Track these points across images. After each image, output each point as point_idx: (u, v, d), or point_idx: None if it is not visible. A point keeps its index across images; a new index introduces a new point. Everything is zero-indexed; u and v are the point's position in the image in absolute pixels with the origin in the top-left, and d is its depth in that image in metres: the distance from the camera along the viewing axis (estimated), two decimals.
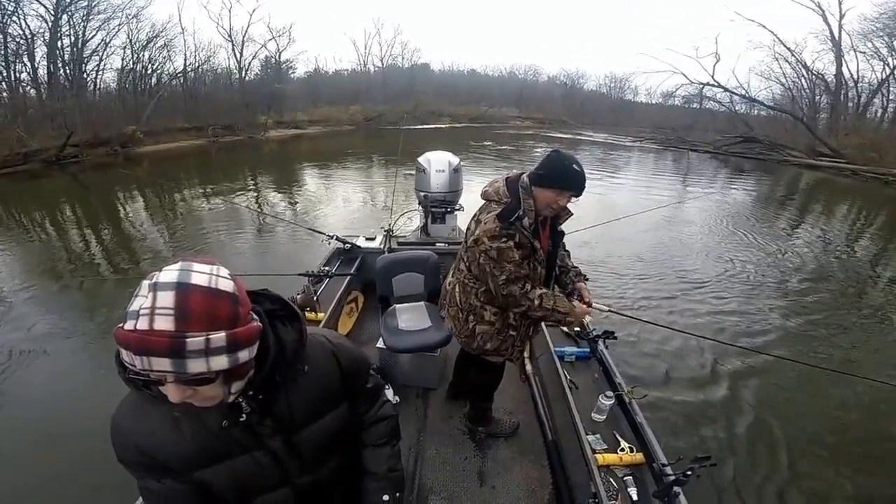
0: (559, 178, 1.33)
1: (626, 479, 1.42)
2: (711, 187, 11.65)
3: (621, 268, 5.12)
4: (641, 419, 1.60)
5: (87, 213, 7.83)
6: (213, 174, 12.22)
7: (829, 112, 20.22)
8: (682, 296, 4.49)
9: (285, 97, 25.60)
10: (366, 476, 0.90)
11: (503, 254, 1.33)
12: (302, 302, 2.28)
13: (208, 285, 0.55)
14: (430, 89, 35.67)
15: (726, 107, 22.91)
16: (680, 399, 2.89)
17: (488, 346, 1.56)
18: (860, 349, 3.69)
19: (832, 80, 19.66)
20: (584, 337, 2.13)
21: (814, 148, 16.61)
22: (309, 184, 10.90)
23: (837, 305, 4.53)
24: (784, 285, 4.97)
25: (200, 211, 7.93)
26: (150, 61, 19.22)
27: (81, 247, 5.92)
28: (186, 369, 0.53)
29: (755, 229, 7.20)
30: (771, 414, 2.79)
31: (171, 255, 5.51)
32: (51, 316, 3.89)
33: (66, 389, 2.90)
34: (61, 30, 15.53)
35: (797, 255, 6.04)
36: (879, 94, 18.96)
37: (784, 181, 13.48)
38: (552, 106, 37.79)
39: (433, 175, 3.10)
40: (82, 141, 13.35)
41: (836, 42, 18.75)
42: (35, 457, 2.31)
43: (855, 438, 2.62)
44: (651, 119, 28.94)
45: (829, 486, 2.30)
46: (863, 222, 8.62)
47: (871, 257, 6.25)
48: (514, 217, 1.33)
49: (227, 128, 19.21)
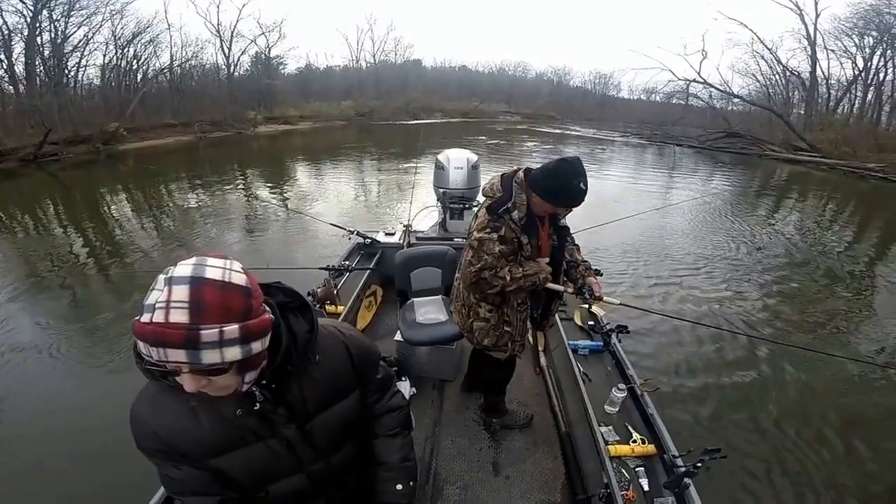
0: (556, 194, 1.31)
1: (638, 470, 1.44)
2: (710, 182, 11.87)
3: (628, 263, 5.18)
4: (653, 411, 1.63)
5: (68, 212, 7.62)
6: (200, 169, 11.94)
7: (804, 108, 20.88)
8: (691, 288, 4.60)
9: (276, 93, 25.17)
10: (379, 466, 0.91)
11: (483, 244, 1.34)
12: (322, 295, 2.31)
13: (222, 279, 0.56)
14: (422, 85, 35.51)
15: (706, 102, 23.44)
16: (690, 390, 2.92)
17: (486, 342, 1.59)
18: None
19: (807, 77, 20.30)
20: (597, 331, 2.18)
21: (790, 143, 17.16)
22: (301, 179, 10.78)
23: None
24: (786, 273, 5.14)
25: (206, 207, 7.84)
26: (136, 57, 18.69)
27: (72, 245, 5.73)
28: (201, 360, 0.55)
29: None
30: (778, 404, 2.82)
31: (159, 252, 5.42)
32: (32, 316, 3.80)
33: (47, 389, 2.86)
34: (41, 25, 14.94)
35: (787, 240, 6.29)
36: (850, 91, 19.65)
37: (769, 175, 13.81)
38: (540, 101, 37.99)
39: (452, 172, 3.14)
40: (62, 138, 12.89)
41: (811, 41, 19.37)
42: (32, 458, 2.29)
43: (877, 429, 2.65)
44: (633, 115, 29.31)
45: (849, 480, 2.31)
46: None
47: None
48: (503, 209, 1.33)
49: (215, 124, 18.76)
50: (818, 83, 20.17)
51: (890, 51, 17.49)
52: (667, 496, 1.34)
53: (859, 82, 19.07)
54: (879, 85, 18.42)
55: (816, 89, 20.26)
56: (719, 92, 22.28)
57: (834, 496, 2.22)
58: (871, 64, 18.47)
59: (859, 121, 18.61)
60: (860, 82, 19.06)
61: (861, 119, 18.80)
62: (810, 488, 2.26)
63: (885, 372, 3.19)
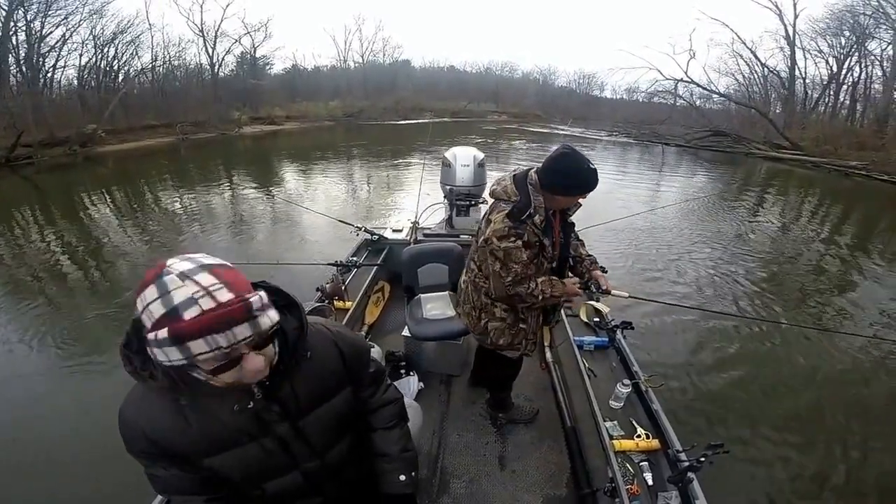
0: (573, 186, 1.32)
1: (642, 465, 1.46)
2: (709, 181, 12.01)
3: (638, 257, 5.31)
4: (657, 407, 1.64)
5: (43, 215, 7.37)
6: (181, 171, 11.64)
7: (783, 107, 21.43)
8: (700, 278, 4.74)
9: (262, 93, 24.82)
10: (379, 458, 0.90)
11: (510, 255, 1.32)
12: (331, 291, 2.32)
13: (219, 262, 0.58)
14: (411, 85, 35.43)
15: (689, 102, 23.86)
16: (694, 386, 2.96)
17: (501, 342, 1.59)
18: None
19: (786, 77, 20.85)
20: (602, 327, 2.19)
21: (771, 141, 17.57)
22: (289, 180, 10.61)
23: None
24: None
25: (215, 206, 7.68)
26: (116, 58, 18.17)
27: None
28: (261, 327, 0.57)
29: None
30: (781, 399, 2.85)
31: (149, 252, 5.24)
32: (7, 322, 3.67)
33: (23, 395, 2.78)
34: (16, 25, 14.42)
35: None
36: (828, 90, 20.23)
37: (758, 173, 14.00)
38: (527, 101, 38.27)
39: (458, 169, 3.19)
40: (36, 141, 12.42)
41: (790, 41, 19.89)
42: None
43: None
44: (617, 114, 29.72)
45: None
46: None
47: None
48: (526, 215, 1.32)
49: (198, 124, 18.33)
50: (797, 82, 20.77)
51: (862, 50, 18.07)
52: (671, 490, 1.35)
53: (835, 82, 19.67)
54: (854, 84, 19.04)
55: (794, 88, 20.83)
56: (703, 91, 22.73)
57: (838, 487, 2.24)
58: (844, 64, 19.09)
59: (836, 119, 19.19)
60: (835, 82, 19.65)
61: (836, 117, 19.39)
62: (814, 480, 2.27)
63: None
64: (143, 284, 0.54)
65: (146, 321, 0.54)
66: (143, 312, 0.54)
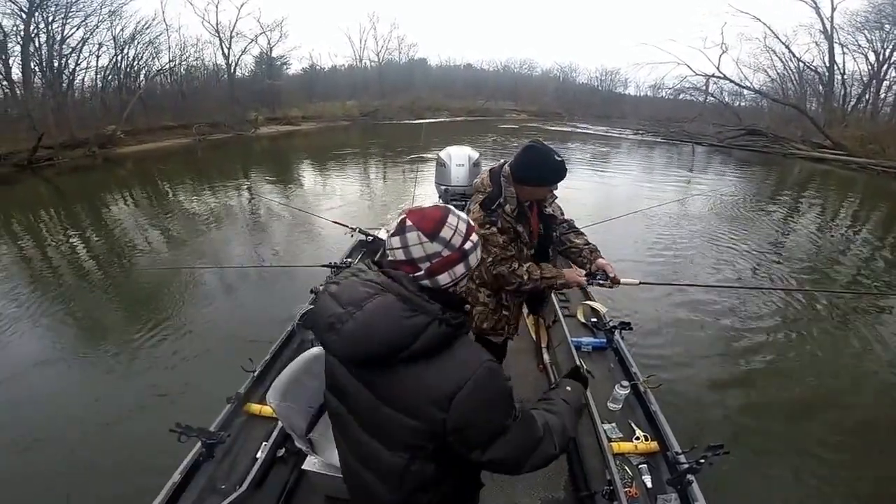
0: (536, 177, 1.39)
1: (641, 467, 1.45)
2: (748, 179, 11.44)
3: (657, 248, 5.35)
4: (656, 408, 1.63)
5: (67, 217, 7.35)
6: (199, 172, 11.59)
7: (818, 104, 20.23)
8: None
9: (279, 93, 24.75)
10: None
11: (488, 240, 1.40)
12: None
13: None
14: (427, 84, 35.09)
15: (717, 99, 22.73)
16: (694, 386, 2.87)
17: (485, 326, 1.62)
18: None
19: (825, 73, 19.61)
20: (600, 328, 2.17)
21: (810, 140, 16.49)
22: (289, 181, 10.44)
23: None
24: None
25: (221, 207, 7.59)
26: (136, 58, 18.22)
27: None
28: None
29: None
30: (782, 398, 2.79)
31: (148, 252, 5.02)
32: (35, 322, 3.63)
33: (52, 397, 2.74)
34: (38, 27, 14.47)
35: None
36: (869, 87, 18.93)
37: (804, 174, 13.09)
38: (546, 99, 37.48)
39: (453, 169, 3.14)
40: (56, 143, 12.45)
41: (828, 35, 18.68)
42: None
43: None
44: (641, 111, 28.73)
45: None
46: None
47: None
48: (496, 205, 1.40)
49: (214, 125, 18.28)
50: (836, 78, 19.48)
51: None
52: (670, 493, 1.33)
53: (876, 78, 18.40)
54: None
55: (834, 85, 19.56)
56: (734, 88, 21.63)
57: (839, 491, 2.18)
58: (889, 59, 17.79)
59: (881, 117, 17.92)
60: (876, 79, 18.39)
61: (880, 115, 18.10)
62: (814, 483, 2.21)
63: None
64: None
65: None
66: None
